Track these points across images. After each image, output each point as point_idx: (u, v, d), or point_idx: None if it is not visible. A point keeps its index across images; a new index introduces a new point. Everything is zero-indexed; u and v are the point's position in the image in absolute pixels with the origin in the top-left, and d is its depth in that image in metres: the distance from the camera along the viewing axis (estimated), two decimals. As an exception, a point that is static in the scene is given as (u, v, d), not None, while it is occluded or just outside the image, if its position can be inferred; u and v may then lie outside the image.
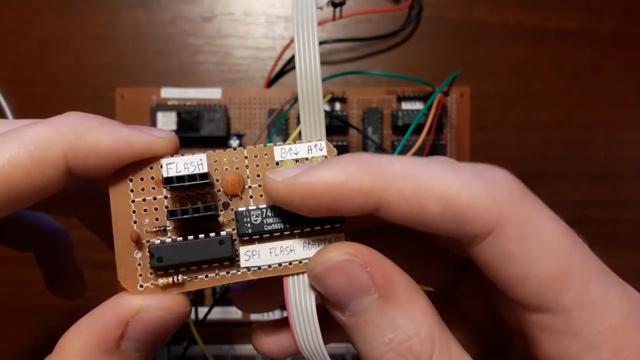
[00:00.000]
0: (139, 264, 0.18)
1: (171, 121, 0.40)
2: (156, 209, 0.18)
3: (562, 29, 0.45)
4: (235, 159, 0.18)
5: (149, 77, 0.43)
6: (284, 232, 0.18)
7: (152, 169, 0.18)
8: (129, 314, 0.17)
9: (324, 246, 0.18)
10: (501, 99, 0.44)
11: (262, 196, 0.18)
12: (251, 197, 0.18)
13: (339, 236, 0.19)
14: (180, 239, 0.18)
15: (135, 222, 0.18)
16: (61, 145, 0.17)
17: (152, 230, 0.18)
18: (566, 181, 0.44)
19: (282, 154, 0.18)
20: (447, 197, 0.16)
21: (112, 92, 0.42)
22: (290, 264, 0.18)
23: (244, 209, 0.18)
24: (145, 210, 0.18)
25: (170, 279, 0.18)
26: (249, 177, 0.18)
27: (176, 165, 0.18)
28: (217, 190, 0.18)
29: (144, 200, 0.18)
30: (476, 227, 0.16)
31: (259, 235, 0.18)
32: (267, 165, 0.18)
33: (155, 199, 0.18)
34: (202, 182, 0.18)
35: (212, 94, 0.42)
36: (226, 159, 0.18)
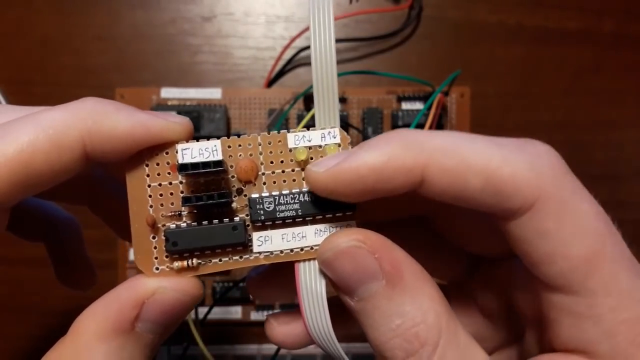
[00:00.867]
0: (155, 248, 0.18)
1: (171, 121, 0.40)
2: (172, 194, 0.18)
3: (562, 29, 0.45)
4: (249, 145, 0.18)
5: (149, 77, 0.43)
6: (296, 219, 0.18)
7: (167, 154, 0.18)
8: (145, 295, 0.17)
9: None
10: (501, 99, 0.44)
11: (275, 183, 0.19)
12: (264, 183, 0.19)
13: (350, 223, 0.19)
14: (195, 224, 0.18)
15: (151, 207, 0.18)
16: (78, 129, 0.17)
17: (168, 214, 0.18)
18: (566, 181, 0.44)
19: (296, 141, 0.18)
20: (489, 171, 0.16)
21: (112, 92, 0.42)
22: (301, 249, 0.19)
23: (257, 195, 0.18)
24: (161, 194, 0.18)
25: (184, 262, 0.18)
26: (262, 163, 0.19)
27: (191, 150, 0.18)
28: (231, 176, 0.18)
29: (160, 185, 0.18)
30: (516, 202, 0.16)
31: (272, 221, 0.18)
32: (281, 152, 0.18)
33: (170, 184, 0.18)
34: (216, 170, 0.18)
35: (212, 94, 0.42)
36: (240, 146, 0.18)
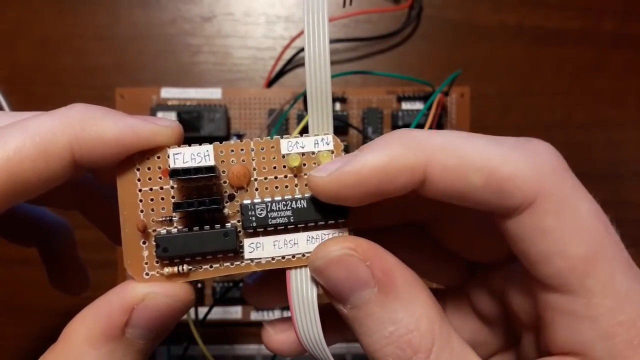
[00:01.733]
0: (146, 253, 0.18)
1: (171, 121, 0.40)
2: (163, 199, 0.18)
3: (562, 29, 0.45)
4: (241, 151, 0.18)
5: (149, 77, 0.43)
6: (288, 226, 0.18)
7: (159, 158, 0.18)
8: (135, 301, 0.17)
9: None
10: (501, 99, 0.44)
11: (267, 189, 0.18)
12: (257, 189, 0.18)
13: (342, 231, 0.19)
14: (186, 229, 0.18)
15: (142, 212, 0.18)
16: (66, 136, 0.17)
17: (159, 220, 0.18)
18: (566, 181, 0.44)
19: (289, 147, 0.18)
20: (490, 169, 0.16)
21: (112, 92, 0.42)
22: (293, 257, 0.19)
23: (249, 202, 0.18)
24: (152, 199, 0.18)
25: (175, 268, 0.18)
26: (255, 169, 0.18)
27: (183, 155, 0.18)
28: (223, 182, 0.18)
29: (151, 189, 0.18)
30: (517, 199, 0.16)
31: (263, 228, 0.18)
32: (274, 158, 0.18)
33: (162, 188, 0.18)
34: (208, 175, 0.18)
35: (212, 94, 0.42)
36: (233, 151, 0.18)
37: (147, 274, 0.18)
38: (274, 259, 0.19)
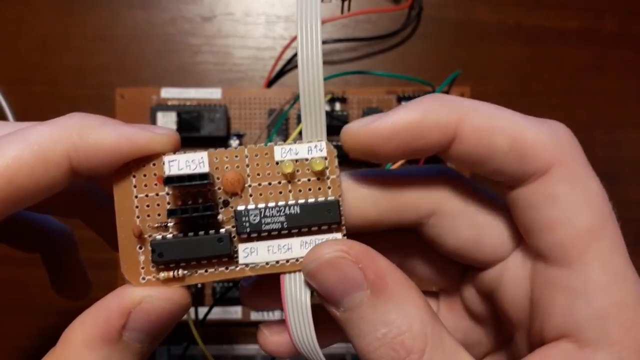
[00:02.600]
0: (142, 258, 0.18)
1: (171, 121, 0.40)
2: (158, 205, 0.18)
3: (562, 28, 0.45)
4: (235, 157, 0.19)
5: (149, 77, 0.43)
6: (282, 232, 0.18)
7: (154, 165, 0.18)
8: (132, 305, 0.18)
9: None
10: (501, 99, 0.44)
11: (261, 195, 0.19)
12: (251, 195, 0.19)
13: (336, 235, 0.19)
14: (181, 235, 0.18)
15: (138, 218, 0.18)
16: (64, 144, 0.17)
17: (154, 225, 0.18)
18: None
19: (282, 153, 0.19)
20: (515, 134, 0.17)
21: (112, 92, 0.42)
22: (287, 261, 0.19)
23: (243, 208, 0.18)
24: (147, 205, 0.18)
25: (171, 273, 0.18)
26: (249, 175, 0.19)
27: (178, 162, 0.18)
28: (217, 188, 0.19)
29: (147, 196, 0.18)
30: (535, 165, 0.17)
31: (257, 233, 0.18)
32: (267, 164, 0.19)
33: (157, 195, 0.18)
34: (202, 182, 0.18)
35: (212, 94, 0.42)
36: (227, 158, 0.19)
37: (144, 279, 0.18)
38: (268, 263, 0.19)
